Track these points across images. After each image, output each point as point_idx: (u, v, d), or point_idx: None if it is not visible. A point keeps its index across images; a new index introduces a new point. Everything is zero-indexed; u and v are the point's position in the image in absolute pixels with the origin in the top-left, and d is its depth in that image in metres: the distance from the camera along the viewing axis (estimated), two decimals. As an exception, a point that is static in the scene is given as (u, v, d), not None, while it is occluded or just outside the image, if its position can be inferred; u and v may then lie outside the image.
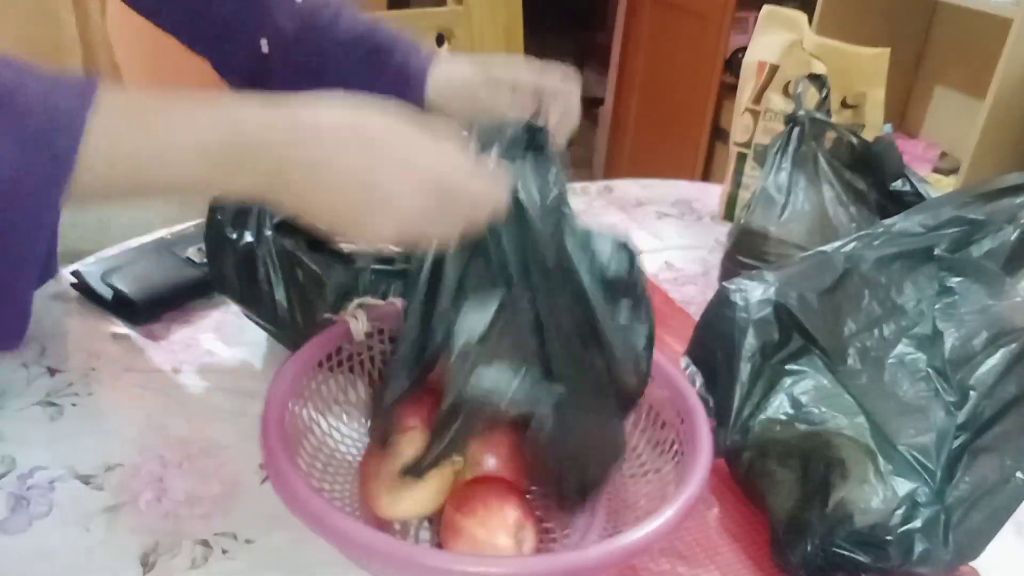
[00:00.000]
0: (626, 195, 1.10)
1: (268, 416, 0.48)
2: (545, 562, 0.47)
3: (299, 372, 0.53)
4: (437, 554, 0.47)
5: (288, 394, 0.51)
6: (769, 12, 0.99)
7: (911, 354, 0.59)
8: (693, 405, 0.54)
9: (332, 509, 0.43)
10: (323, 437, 0.56)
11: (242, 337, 0.72)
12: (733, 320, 0.61)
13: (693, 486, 0.48)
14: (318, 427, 0.56)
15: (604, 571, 0.49)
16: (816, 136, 0.80)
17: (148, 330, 0.72)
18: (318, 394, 0.56)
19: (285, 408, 0.50)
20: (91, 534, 0.52)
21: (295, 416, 0.53)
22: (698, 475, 0.49)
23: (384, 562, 0.44)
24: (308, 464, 0.53)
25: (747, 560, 0.55)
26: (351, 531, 0.42)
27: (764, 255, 0.76)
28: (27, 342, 0.68)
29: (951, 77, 1.98)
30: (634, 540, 0.44)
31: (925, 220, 0.61)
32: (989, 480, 0.52)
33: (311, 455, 0.54)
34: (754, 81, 0.99)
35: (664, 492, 0.53)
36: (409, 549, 0.47)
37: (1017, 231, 0.59)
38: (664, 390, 0.56)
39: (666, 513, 0.46)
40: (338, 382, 0.58)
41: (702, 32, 2.46)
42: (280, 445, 0.46)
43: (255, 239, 0.62)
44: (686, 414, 0.54)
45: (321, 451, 0.55)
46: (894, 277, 0.61)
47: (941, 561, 0.51)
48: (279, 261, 0.62)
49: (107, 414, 0.62)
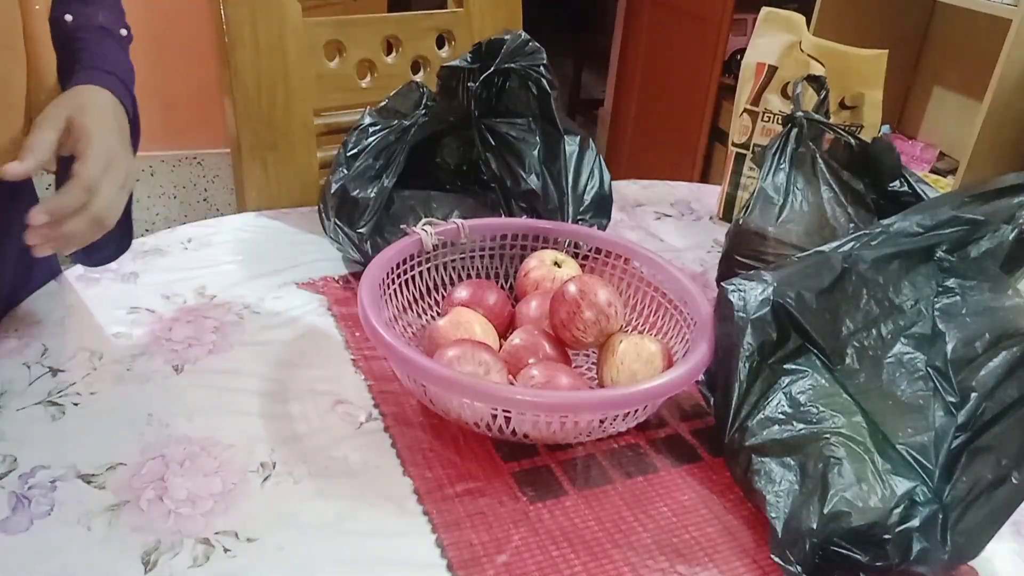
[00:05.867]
0: (625, 195, 1.11)
1: (363, 285, 0.66)
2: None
3: (385, 263, 0.70)
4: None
5: (377, 276, 0.68)
6: (767, 14, 0.99)
7: (909, 354, 0.59)
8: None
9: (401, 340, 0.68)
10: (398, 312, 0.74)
11: (243, 337, 0.72)
12: (732, 320, 0.62)
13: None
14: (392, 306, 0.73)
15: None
16: (814, 137, 0.81)
17: (149, 330, 0.72)
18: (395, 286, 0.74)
19: (377, 281, 0.68)
20: (92, 533, 0.52)
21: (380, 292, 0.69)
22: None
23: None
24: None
25: (746, 559, 0.55)
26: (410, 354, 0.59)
27: (762, 255, 0.76)
28: (29, 341, 0.69)
29: (949, 78, 1.98)
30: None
31: (923, 220, 0.61)
32: (986, 480, 0.52)
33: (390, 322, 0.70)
34: (752, 82, 0.99)
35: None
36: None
37: (1015, 231, 0.59)
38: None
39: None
40: (412, 278, 0.76)
41: (701, 34, 2.46)
42: (372, 308, 0.63)
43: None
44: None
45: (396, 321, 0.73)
46: (892, 277, 0.61)
47: (939, 560, 0.51)
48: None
49: (109, 413, 0.62)
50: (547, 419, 0.58)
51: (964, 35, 1.92)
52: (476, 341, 0.64)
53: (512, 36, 0.85)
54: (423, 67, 1.13)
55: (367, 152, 0.83)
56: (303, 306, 0.78)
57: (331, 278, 0.84)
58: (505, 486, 0.59)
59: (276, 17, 0.99)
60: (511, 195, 0.85)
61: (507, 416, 0.58)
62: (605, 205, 0.89)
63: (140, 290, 0.78)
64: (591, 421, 0.60)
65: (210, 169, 2.34)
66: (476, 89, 0.85)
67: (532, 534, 0.55)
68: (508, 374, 0.64)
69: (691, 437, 0.66)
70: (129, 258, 0.83)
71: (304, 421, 0.64)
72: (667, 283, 0.74)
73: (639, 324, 0.76)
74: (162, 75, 2.19)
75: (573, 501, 0.59)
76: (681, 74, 2.60)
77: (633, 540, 0.56)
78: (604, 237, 0.80)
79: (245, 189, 1.05)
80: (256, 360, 0.70)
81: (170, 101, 2.22)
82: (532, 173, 0.84)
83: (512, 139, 0.85)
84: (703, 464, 0.64)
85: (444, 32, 1.13)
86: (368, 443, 0.62)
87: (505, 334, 0.72)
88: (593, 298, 0.66)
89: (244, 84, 0.99)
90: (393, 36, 1.10)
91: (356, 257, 0.83)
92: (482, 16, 1.14)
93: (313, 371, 0.69)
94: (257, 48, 0.99)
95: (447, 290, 0.77)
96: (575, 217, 0.85)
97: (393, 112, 0.86)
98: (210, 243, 0.88)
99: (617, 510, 0.58)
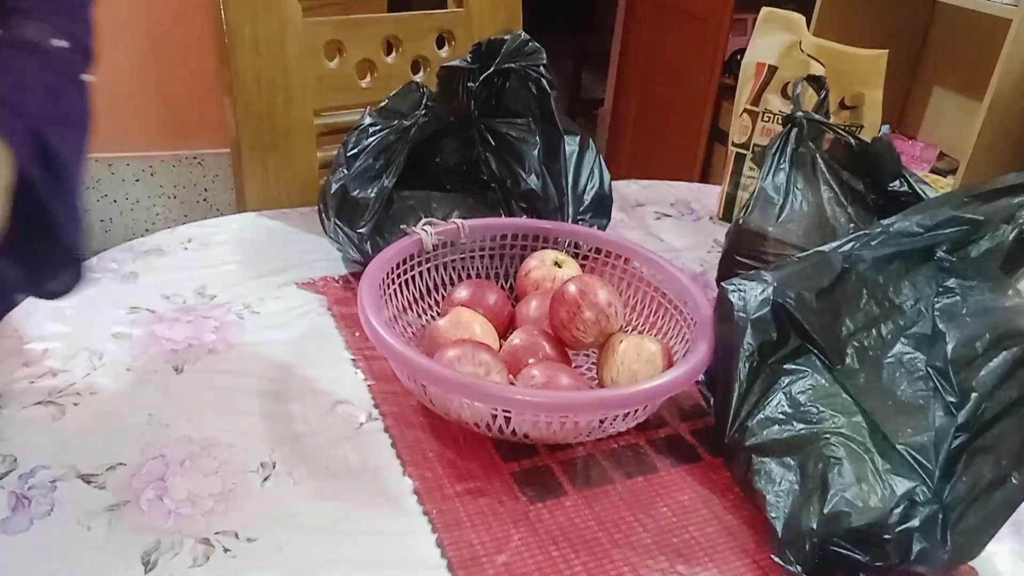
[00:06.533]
0: (625, 196, 1.11)
1: (363, 285, 0.66)
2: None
3: (385, 263, 0.71)
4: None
5: (376, 276, 0.68)
6: (767, 14, 0.99)
7: (909, 354, 0.59)
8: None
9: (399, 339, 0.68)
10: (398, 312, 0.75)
11: (243, 337, 0.72)
12: (732, 320, 0.62)
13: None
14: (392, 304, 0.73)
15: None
16: (814, 137, 0.81)
17: (149, 330, 0.72)
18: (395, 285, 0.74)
19: (377, 281, 0.68)
20: (92, 533, 0.52)
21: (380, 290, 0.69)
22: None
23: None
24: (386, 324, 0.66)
25: (746, 559, 0.55)
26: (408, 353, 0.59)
27: (762, 255, 0.76)
28: (29, 341, 0.69)
29: (949, 78, 1.98)
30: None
31: (923, 220, 0.61)
32: (986, 480, 0.52)
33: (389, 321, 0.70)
34: (752, 82, 0.99)
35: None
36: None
37: (1015, 231, 0.59)
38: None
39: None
40: (412, 278, 0.77)
41: (701, 34, 2.46)
42: (372, 308, 0.63)
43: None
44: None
45: (396, 321, 0.73)
46: (892, 277, 0.61)
47: (939, 560, 0.51)
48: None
49: (109, 413, 0.62)
50: (547, 419, 0.58)
51: (964, 35, 1.92)
52: (476, 341, 0.64)
53: (512, 36, 0.85)
54: (423, 67, 1.13)
55: (367, 152, 0.83)
56: (303, 306, 0.78)
57: (331, 278, 0.84)
58: (505, 486, 0.59)
59: (276, 17, 0.99)
60: (511, 195, 0.85)
61: (507, 416, 0.58)
62: (605, 205, 0.89)
63: (140, 290, 0.78)
64: (591, 421, 0.60)
65: (210, 169, 2.34)
66: (476, 89, 0.85)
67: (532, 534, 0.55)
68: (508, 374, 0.64)
69: (691, 437, 0.66)
70: (129, 258, 0.83)
71: (304, 421, 0.64)
72: (667, 283, 0.74)
73: (639, 324, 0.76)
74: (162, 75, 2.19)
75: (573, 501, 0.59)
76: (681, 74, 2.60)
77: (633, 540, 0.56)
78: (604, 237, 0.80)
79: (245, 189, 1.05)
80: (256, 360, 0.70)
81: (170, 101, 2.22)
82: (532, 173, 0.84)
83: (512, 139, 0.85)
84: (703, 464, 0.64)
85: (444, 32, 1.13)
86: (368, 443, 0.62)
87: (505, 334, 0.72)
88: (593, 298, 0.66)
89: (244, 84, 0.99)
90: (393, 36, 1.10)
91: (356, 257, 0.83)
92: (482, 16, 1.15)
93: (313, 371, 0.69)
94: (257, 48, 0.99)
95: (447, 290, 0.77)
96: (575, 217, 0.85)
97: (393, 112, 0.86)
98: (210, 243, 0.88)
99: (617, 510, 0.58)
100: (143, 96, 2.19)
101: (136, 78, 2.16)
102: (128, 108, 2.18)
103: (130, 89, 2.16)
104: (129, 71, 2.15)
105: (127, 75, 2.15)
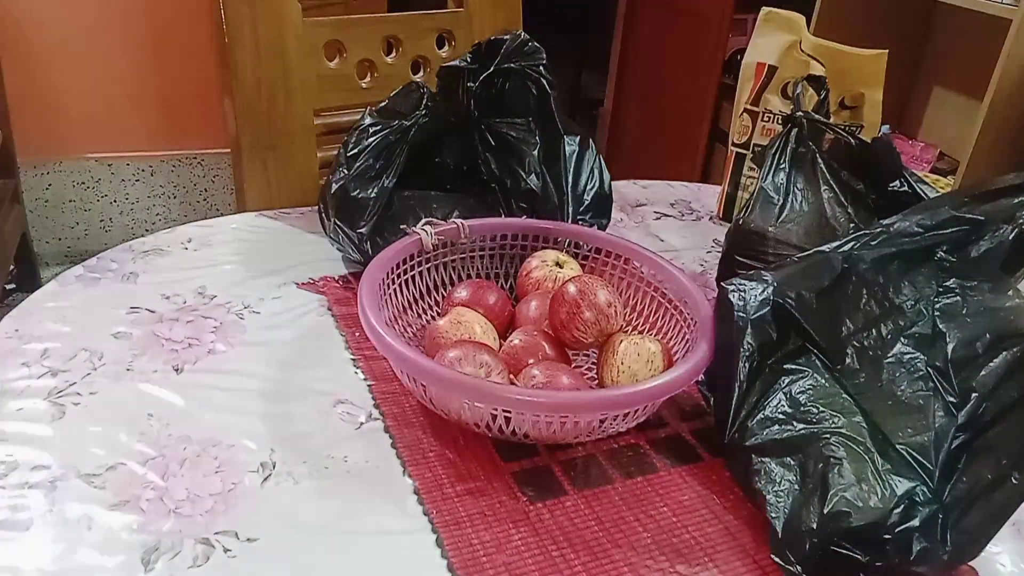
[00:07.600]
0: (626, 196, 1.11)
1: (363, 285, 0.66)
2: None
3: (385, 263, 0.71)
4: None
5: (376, 276, 0.68)
6: (767, 14, 0.99)
7: (909, 354, 0.59)
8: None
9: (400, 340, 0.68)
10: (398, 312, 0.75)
11: (243, 337, 0.72)
12: (732, 320, 0.62)
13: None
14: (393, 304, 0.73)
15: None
16: (814, 137, 0.81)
17: (149, 330, 0.72)
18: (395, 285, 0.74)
19: (377, 281, 0.68)
20: (93, 533, 0.52)
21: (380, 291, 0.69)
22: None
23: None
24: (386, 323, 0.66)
25: (746, 559, 0.55)
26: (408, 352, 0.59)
27: (762, 255, 0.76)
28: (29, 341, 0.69)
29: (949, 78, 1.98)
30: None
31: (923, 220, 0.61)
32: (986, 480, 0.52)
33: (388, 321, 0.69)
34: (752, 82, 0.99)
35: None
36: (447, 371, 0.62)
37: (1015, 231, 0.59)
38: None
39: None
40: (412, 278, 0.77)
41: (701, 34, 2.46)
42: (372, 308, 0.63)
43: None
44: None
45: (396, 321, 0.73)
46: (892, 277, 0.61)
47: (939, 560, 0.51)
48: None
49: (109, 414, 0.62)
50: (547, 419, 0.58)
51: (964, 35, 1.92)
52: (477, 342, 0.64)
53: (512, 36, 0.85)
54: (423, 67, 1.13)
55: (367, 152, 0.83)
56: (303, 306, 0.78)
57: (331, 278, 0.84)
58: (505, 486, 0.59)
59: (276, 17, 0.99)
60: (511, 195, 0.85)
61: (507, 416, 0.58)
62: (605, 205, 0.89)
63: (140, 290, 0.78)
64: (591, 421, 0.60)
65: (210, 169, 2.34)
66: (476, 89, 0.85)
67: (532, 534, 0.55)
68: (509, 374, 0.64)
69: (691, 437, 0.66)
70: (129, 258, 0.83)
71: (304, 421, 0.64)
72: (667, 283, 0.74)
73: (639, 324, 0.76)
74: (162, 75, 2.19)
75: (573, 501, 0.59)
76: (681, 74, 2.60)
77: (633, 540, 0.56)
78: (604, 237, 0.80)
79: (245, 189, 1.05)
80: (256, 360, 0.70)
81: (170, 101, 2.22)
82: (532, 173, 0.84)
83: (512, 139, 0.85)
84: (703, 464, 0.64)
85: (444, 32, 1.13)
86: (368, 443, 0.62)
87: (505, 334, 0.72)
88: (593, 298, 0.66)
89: (244, 84, 0.99)
90: (393, 36, 1.10)
91: (356, 257, 0.83)
92: (482, 16, 1.14)
93: (313, 371, 0.69)
94: (257, 48, 0.99)
95: (447, 290, 0.77)
96: (575, 217, 0.85)
97: (393, 112, 0.86)
98: (210, 243, 0.88)
99: (617, 510, 0.58)
100: (143, 96, 2.19)
101: (136, 78, 2.16)
102: (128, 108, 2.18)
103: (130, 89, 2.16)
104: (129, 71, 2.15)
105: (127, 75, 2.15)
